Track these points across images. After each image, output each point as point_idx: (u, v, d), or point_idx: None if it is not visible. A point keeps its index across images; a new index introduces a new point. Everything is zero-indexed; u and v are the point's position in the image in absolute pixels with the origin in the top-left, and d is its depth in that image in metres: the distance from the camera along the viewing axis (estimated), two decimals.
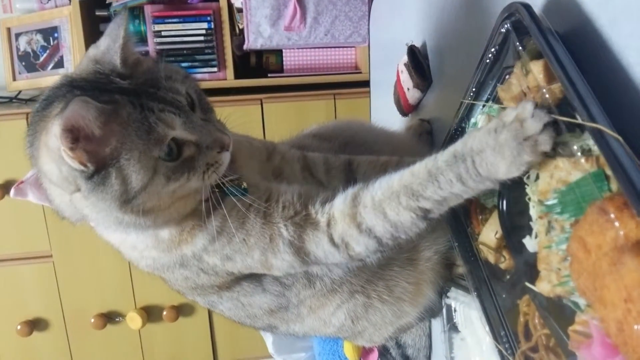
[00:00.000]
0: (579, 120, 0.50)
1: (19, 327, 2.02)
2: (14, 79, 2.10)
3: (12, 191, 0.86)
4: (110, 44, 0.64)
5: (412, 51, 1.05)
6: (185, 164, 0.64)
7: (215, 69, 2.03)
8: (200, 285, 0.77)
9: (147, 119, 0.61)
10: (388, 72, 1.25)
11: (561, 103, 0.54)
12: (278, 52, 2.13)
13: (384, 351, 1.21)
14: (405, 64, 1.07)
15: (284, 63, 2.13)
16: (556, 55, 0.52)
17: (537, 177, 0.58)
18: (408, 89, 1.09)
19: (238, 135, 0.80)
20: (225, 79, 2.05)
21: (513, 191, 0.62)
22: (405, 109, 1.14)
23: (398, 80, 1.13)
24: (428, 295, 0.86)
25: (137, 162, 0.60)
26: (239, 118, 2.16)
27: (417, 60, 1.04)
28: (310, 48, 2.09)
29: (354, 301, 0.80)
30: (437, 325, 0.97)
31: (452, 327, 0.87)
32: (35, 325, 2.06)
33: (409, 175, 0.65)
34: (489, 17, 0.78)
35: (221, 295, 0.79)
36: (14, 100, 2.21)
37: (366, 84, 1.97)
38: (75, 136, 0.58)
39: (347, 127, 1.02)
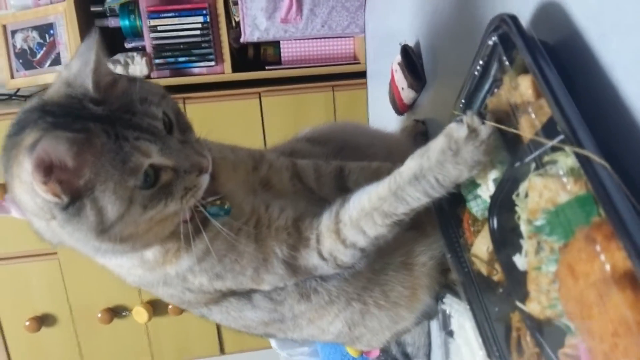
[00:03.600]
0: (566, 146, 0.48)
1: (27, 323, 2.04)
2: (12, 77, 2.09)
3: None
4: (82, 68, 0.62)
5: (405, 51, 1.03)
6: (163, 190, 0.63)
7: (212, 63, 2.00)
8: (187, 301, 0.77)
9: (121, 149, 0.59)
10: (384, 64, 1.24)
11: (549, 121, 0.53)
12: (276, 44, 2.10)
13: (384, 348, 1.21)
14: (399, 64, 1.06)
15: (282, 55, 2.10)
16: (543, 75, 0.51)
17: (527, 195, 0.57)
18: (402, 88, 1.07)
19: (222, 147, 0.79)
20: (223, 73, 2.03)
21: (503, 208, 0.61)
22: (400, 108, 1.12)
23: (392, 80, 1.11)
24: (424, 300, 0.86)
25: (112, 193, 0.59)
26: (238, 113, 2.14)
27: (411, 60, 1.02)
28: (308, 39, 2.06)
29: (350, 309, 0.80)
30: (436, 324, 0.97)
31: (448, 333, 0.87)
32: (44, 321, 2.09)
33: (376, 198, 0.69)
34: (483, 18, 0.76)
35: (210, 309, 0.79)
36: (14, 97, 2.21)
37: (365, 74, 1.95)
38: (47, 169, 0.56)
39: (341, 130, 1.01)
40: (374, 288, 0.81)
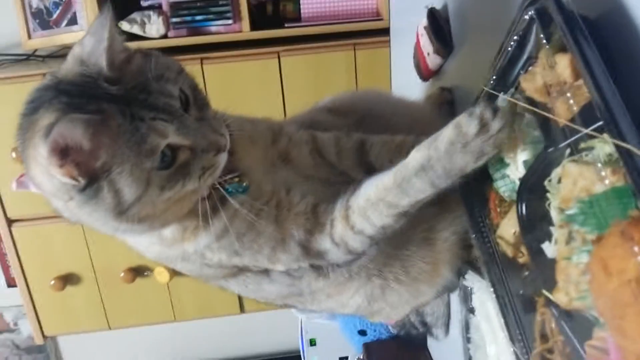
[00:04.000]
0: (606, 138, 0.45)
1: (52, 282, 2.10)
2: (29, 37, 2.07)
3: (13, 184, 0.85)
4: (95, 45, 0.60)
5: (432, 15, 0.98)
6: (180, 170, 0.62)
7: (230, 21, 1.95)
8: (205, 275, 0.77)
9: (138, 130, 0.58)
10: (409, 20, 1.18)
11: (588, 105, 0.49)
12: (295, 0, 2.04)
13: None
14: (425, 27, 1.01)
15: (302, 11, 2.04)
16: (584, 56, 0.47)
17: (559, 181, 0.54)
18: (428, 53, 1.03)
19: (240, 120, 0.77)
20: (241, 31, 1.98)
21: (533, 194, 0.58)
22: (425, 74, 1.08)
23: (418, 44, 1.06)
24: (445, 275, 0.85)
25: (129, 175, 0.58)
26: (257, 74, 2.11)
27: (438, 24, 0.97)
28: None
29: (370, 284, 0.80)
30: (457, 297, 0.96)
31: (470, 309, 0.86)
32: (68, 280, 2.15)
33: (382, 188, 0.68)
34: None
35: (228, 281, 0.79)
36: (32, 57, 2.19)
37: (387, 32, 1.88)
38: (63, 152, 0.56)
39: (363, 99, 0.98)
40: (395, 263, 0.80)
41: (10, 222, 2.07)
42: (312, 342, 2.30)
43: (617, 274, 0.44)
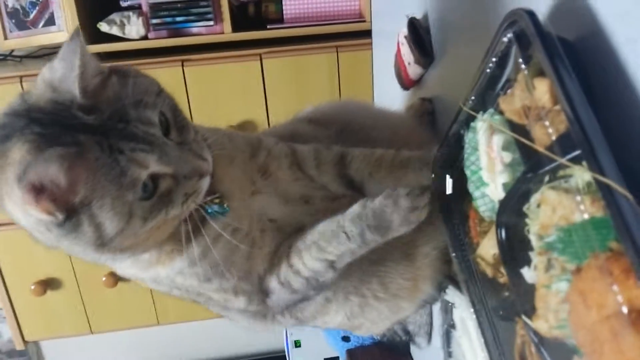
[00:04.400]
0: (583, 168, 0.44)
1: (33, 287, 2.07)
2: (6, 38, 2.02)
3: None
4: (67, 73, 0.57)
5: (412, 24, 0.96)
6: (162, 199, 0.60)
7: (211, 22, 1.92)
8: (174, 295, 0.76)
9: (117, 162, 0.56)
10: (391, 21, 1.17)
11: (566, 132, 0.48)
12: (277, 0, 2.02)
13: None
14: (405, 37, 0.99)
15: (284, 12, 2.01)
16: (563, 84, 0.46)
17: (539, 206, 0.53)
18: (409, 63, 1.02)
19: (218, 134, 0.74)
20: (223, 33, 1.95)
21: (512, 218, 0.57)
22: (406, 83, 1.07)
23: (398, 53, 1.05)
24: (425, 290, 0.84)
25: (110, 209, 0.56)
26: (238, 76, 2.09)
27: (418, 34, 0.96)
28: None
29: (349, 303, 0.79)
30: (439, 307, 0.96)
31: (450, 325, 0.85)
32: (49, 284, 2.11)
33: (318, 232, 0.71)
34: None
35: (199, 303, 0.78)
36: (9, 57, 2.15)
37: (370, 34, 1.87)
38: (38, 191, 0.53)
39: (344, 110, 0.96)
40: (372, 280, 0.79)
41: None
42: (297, 344, 2.30)
43: (596, 309, 0.44)
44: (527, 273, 0.56)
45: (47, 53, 2.15)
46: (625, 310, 0.40)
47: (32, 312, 2.18)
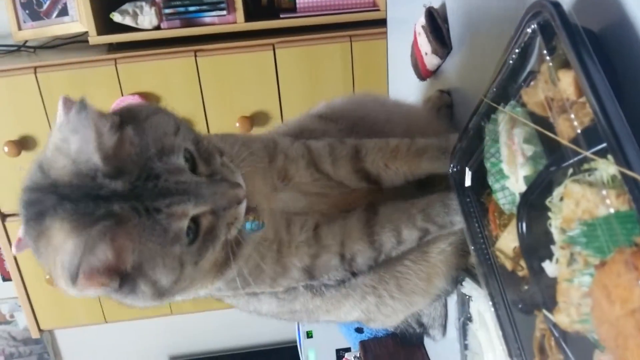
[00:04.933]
0: (609, 161, 0.43)
1: (48, 276, 2.08)
2: (20, 29, 2.03)
3: (13, 248, 0.82)
4: (83, 145, 0.55)
5: (430, 14, 0.95)
6: (207, 236, 0.60)
7: (224, 12, 1.92)
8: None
9: (157, 222, 0.55)
10: (407, 10, 1.16)
11: (591, 124, 0.48)
12: None
13: None
14: (422, 27, 0.98)
15: (297, 1, 2.00)
16: (589, 76, 0.45)
17: (561, 199, 0.53)
18: (426, 53, 1.01)
19: (237, 144, 0.74)
20: (235, 22, 1.95)
21: (534, 211, 0.57)
22: (423, 74, 1.06)
23: (415, 43, 1.04)
24: (439, 286, 0.85)
25: (161, 266, 0.57)
26: (251, 66, 2.07)
27: (436, 24, 0.95)
28: None
29: (365, 302, 0.80)
30: (454, 299, 0.95)
31: (467, 317, 0.85)
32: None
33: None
34: None
35: (222, 297, 0.79)
36: (22, 48, 2.16)
37: (384, 22, 1.85)
38: (90, 274, 0.54)
39: (357, 104, 0.95)
40: (390, 281, 0.80)
41: (4, 216, 2.05)
42: (309, 335, 2.30)
43: (620, 303, 0.43)
44: (549, 267, 0.55)
45: (61, 44, 2.16)
46: None
47: (47, 302, 2.20)
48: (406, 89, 1.26)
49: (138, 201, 0.55)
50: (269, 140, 0.79)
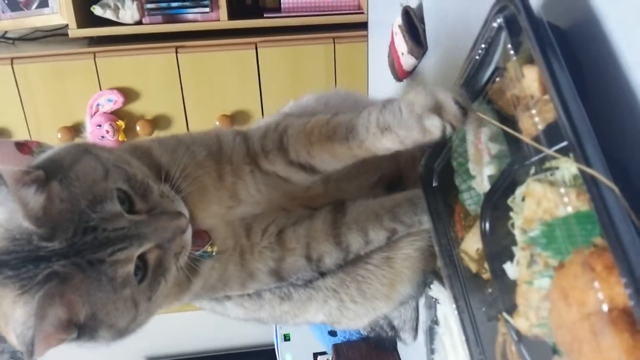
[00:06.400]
0: (569, 158, 0.42)
1: None
2: None
3: None
4: (12, 215, 0.53)
5: (407, 13, 0.94)
6: (156, 270, 0.59)
7: (207, 9, 1.89)
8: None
9: (103, 273, 0.54)
10: (387, 11, 1.14)
11: (554, 123, 0.46)
12: None
13: None
14: (399, 26, 0.97)
15: (282, 1, 1.99)
16: (552, 73, 0.44)
17: (523, 199, 0.51)
18: (402, 53, 0.99)
19: (178, 151, 0.69)
20: (219, 20, 1.92)
21: (497, 211, 0.55)
22: (399, 74, 1.05)
23: (392, 43, 1.03)
24: (404, 292, 0.82)
25: (115, 310, 0.56)
26: (233, 64, 2.04)
27: (412, 23, 0.94)
28: None
29: (328, 307, 0.79)
30: (423, 302, 0.94)
31: (433, 320, 0.83)
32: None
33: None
34: None
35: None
36: (2, 39, 2.12)
37: (366, 25, 1.84)
38: (48, 338, 0.53)
39: (327, 101, 0.91)
40: (351, 285, 0.79)
41: None
42: (287, 337, 2.28)
43: (576, 306, 0.42)
44: (510, 268, 0.54)
45: (41, 36, 2.12)
46: (605, 308, 0.38)
47: None
48: (385, 91, 1.25)
49: (79, 256, 0.53)
50: (212, 141, 0.72)
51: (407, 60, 0.99)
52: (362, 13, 1.94)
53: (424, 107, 0.57)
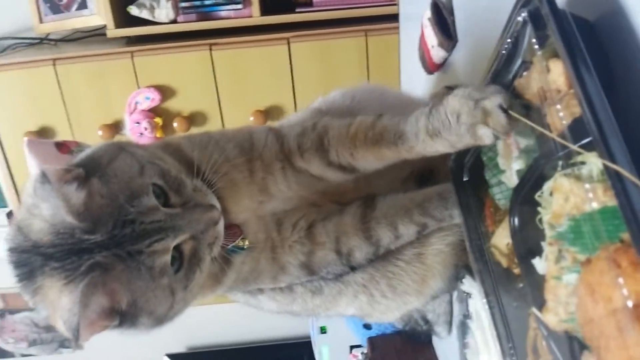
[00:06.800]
0: (593, 153, 0.42)
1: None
2: (41, 22, 2.07)
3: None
4: (55, 211, 0.57)
5: (436, 6, 0.94)
6: (192, 260, 0.62)
7: (240, 6, 1.92)
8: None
9: (141, 262, 0.58)
10: (419, 4, 1.14)
11: (579, 117, 0.46)
12: None
13: None
14: (429, 19, 0.97)
15: None
16: (576, 69, 0.43)
17: (551, 194, 0.51)
18: (432, 46, 0.99)
19: (208, 148, 0.71)
20: (251, 16, 1.95)
21: (526, 206, 0.55)
22: (430, 67, 1.04)
23: (422, 36, 1.03)
24: (435, 286, 0.82)
25: (154, 299, 0.59)
26: (266, 60, 2.05)
27: (442, 16, 0.93)
28: None
29: (358, 301, 0.80)
30: (457, 296, 0.94)
31: (466, 315, 0.83)
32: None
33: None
34: None
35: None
36: (44, 41, 2.20)
37: (398, 18, 1.83)
38: (90, 325, 0.57)
39: (355, 97, 0.90)
40: (381, 281, 0.79)
41: None
42: (323, 330, 2.30)
43: (603, 302, 0.42)
44: (539, 264, 0.54)
45: (81, 37, 2.19)
46: (630, 304, 0.38)
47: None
48: (417, 84, 1.24)
49: (119, 248, 0.57)
50: (243, 138, 0.74)
51: (437, 53, 0.98)
52: (395, 4, 1.92)
53: (471, 117, 0.58)
